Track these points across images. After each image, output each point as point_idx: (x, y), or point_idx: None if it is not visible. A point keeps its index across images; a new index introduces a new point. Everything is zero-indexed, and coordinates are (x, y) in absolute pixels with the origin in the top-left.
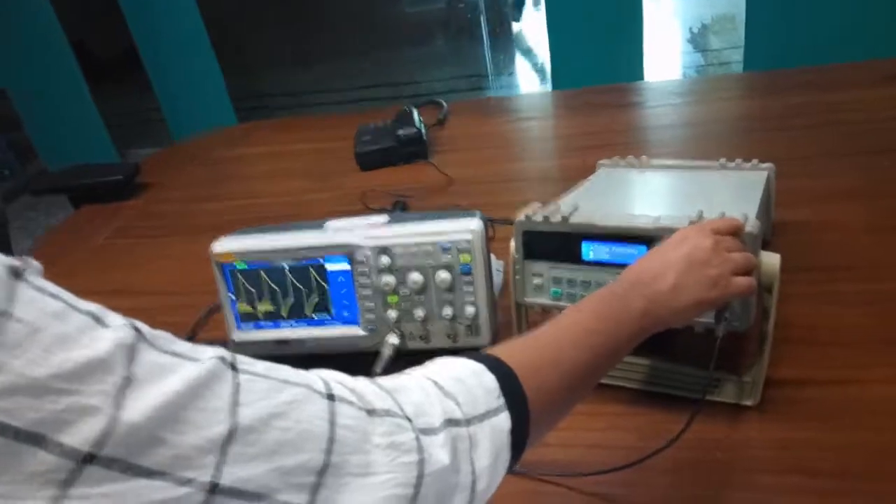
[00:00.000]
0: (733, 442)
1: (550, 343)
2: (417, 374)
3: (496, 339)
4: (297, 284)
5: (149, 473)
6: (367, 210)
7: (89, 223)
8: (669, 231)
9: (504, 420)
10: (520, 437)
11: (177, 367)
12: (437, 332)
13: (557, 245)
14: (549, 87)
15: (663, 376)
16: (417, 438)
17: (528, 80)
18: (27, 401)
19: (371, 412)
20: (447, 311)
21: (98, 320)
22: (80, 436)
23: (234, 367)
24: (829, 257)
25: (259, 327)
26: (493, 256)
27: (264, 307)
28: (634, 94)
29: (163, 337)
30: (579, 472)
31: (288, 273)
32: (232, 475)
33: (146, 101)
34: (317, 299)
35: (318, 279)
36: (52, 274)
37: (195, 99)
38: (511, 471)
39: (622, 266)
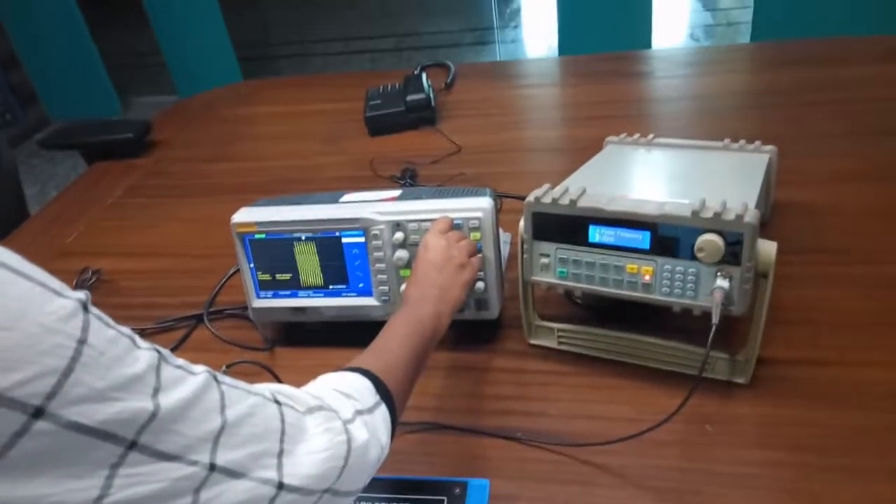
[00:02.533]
0: (724, 417)
1: (386, 351)
2: (320, 385)
3: (503, 312)
4: (314, 255)
5: (169, 457)
6: (376, 176)
7: (102, 181)
8: (673, 219)
9: (384, 409)
10: (393, 421)
11: (184, 378)
12: None
13: (565, 227)
14: (555, 41)
15: (661, 353)
16: (344, 425)
17: (534, 33)
18: (95, 406)
19: (308, 410)
20: None
21: (134, 342)
22: (128, 429)
23: (216, 380)
24: (827, 239)
25: (277, 296)
26: (500, 230)
27: (282, 276)
28: (642, 63)
29: (170, 355)
30: (580, 442)
31: (305, 244)
32: (223, 458)
33: (144, 43)
34: (333, 270)
35: (335, 251)
36: (73, 234)
37: (196, 43)
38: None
39: (627, 249)
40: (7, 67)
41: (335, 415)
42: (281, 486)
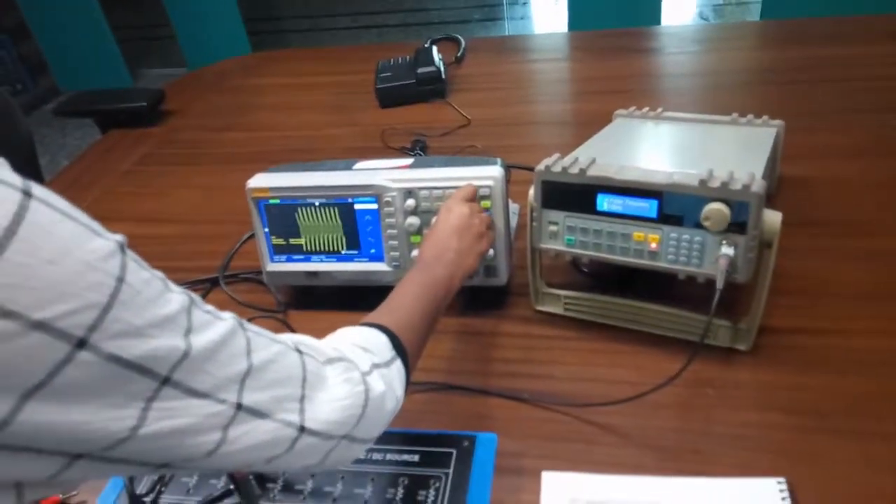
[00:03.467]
0: (724, 382)
1: (400, 308)
2: (339, 337)
3: (511, 279)
4: (328, 221)
5: (199, 394)
6: (387, 148)
7: (115, 149)
8: (681, 188)
9: (400, 364)
10: (407, 376)
11: (212, 323)
12: None
13: (574, 195)
14: (564, 18)
15: (664, 320)
16: (362, 376)
17: (543, 9)
18: (133, 341)
19: (328, 361)
20: None
21: (166, 285)
22: (163, 365)
23: (242, 327)
24: (830, 213)
25: (291, 260)
26: (510, 200)
27: (296, 241)
28: (651, 39)
29: (200, 300)
30: (584, 402)
31: (319, 210)
32: (249, 399)
33: (154, 16)
34: (345, 236)
35: (347, 217)
36: (89, 200)
37: (206, 16)
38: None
39: (634, 218)
40: (17, 38)
41: (354, 366)
42: (302, 429)
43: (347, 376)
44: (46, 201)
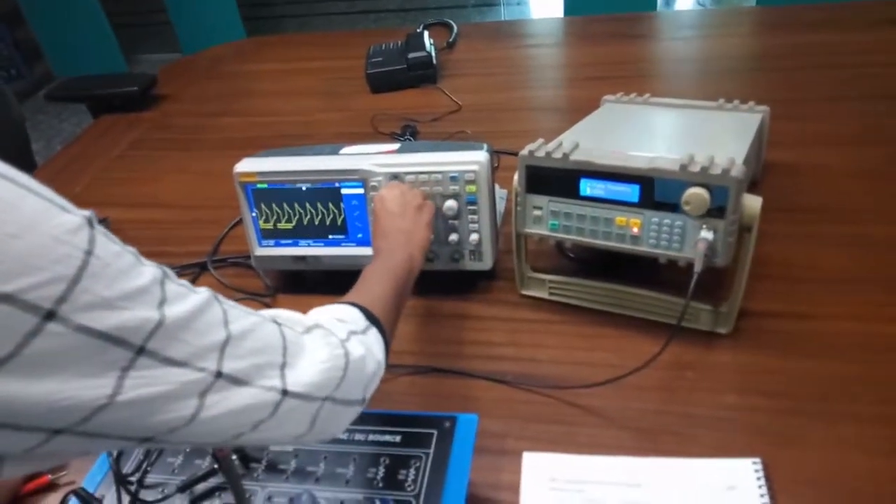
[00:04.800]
0: (704, 365)
1: (366, 289)
2: (313, 313)
3: (497, 264)
4: (315, 205)
5: (176, 363)
6: (377, 133)
7: (107, 134)
8: (662, 172)
9: (375, 331)
10: (386, 341)
11: (187, 294)
12: (444, 256)
13: (558, 180)
14: (560, 4)
15: (647, 304)
16: (340, 342)
17: None
18: (103, 312)
19: (304, 331)
20: (453, 237)
21: (138, 259)
22: (136, 335)
23: (218, 300)
24: (813, 199)
25: (279, 244)
26: (497, 186)
27: (284, 226)
28: (646, 24)
29: (172, 274)
30: (566, 385)
31: (306, 194)
32: (228, 367)
33: (150, 1)
34: (332, 220)
35: (334, 201)
36: (80, 185)
37: (201, 1)
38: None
39: (616, 203)
40: (12, 24)
41: (331, 333)
42: (285, 392)
43: (327, 341)
44: (7, 176)
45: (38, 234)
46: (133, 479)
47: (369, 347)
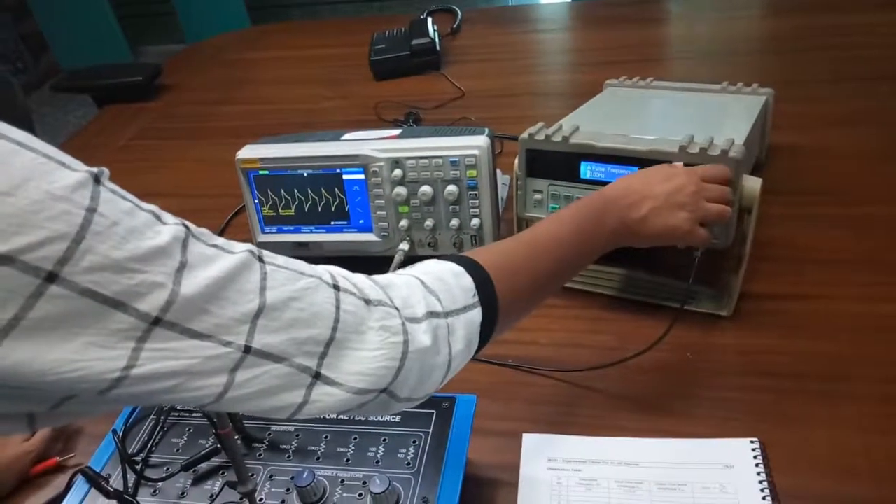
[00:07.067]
0: (706, 347)
1: (527, 250)
2: (406, 273)
3: None
4: (317, 191)
5: (199, 336)
6: (380, 120)
7: (113, 123)
8: (661, 154)
9: (477, 315)
10: (488, 330)
11: (218, 257)
12: (444, 241)
13: (558, 163)
14: None
15: (645, 286)
16: (403, 324)
17: None
18: (110, 276)
19: (368, 302)
20: (454, 222)
21: (158, 217)
22: (149, 304)
23: (261, 260)
24: (816, 181)
25: (281, 231)
26: (499, 171)
27: (286, 212)
28: (652, 8)
29: (205, 233)
30: (566, 367)
31: (308, 180)
32: (260, 341)
33: None
34: (334, 206)
35: (336, 187)
36: None
37: None
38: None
39: None
40: (18, 16)
41: (396, 313)
42: (318, 375)
43: (385, 323)
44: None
45: (32, 189)
46: (139, 458)
47: (444, 337)
